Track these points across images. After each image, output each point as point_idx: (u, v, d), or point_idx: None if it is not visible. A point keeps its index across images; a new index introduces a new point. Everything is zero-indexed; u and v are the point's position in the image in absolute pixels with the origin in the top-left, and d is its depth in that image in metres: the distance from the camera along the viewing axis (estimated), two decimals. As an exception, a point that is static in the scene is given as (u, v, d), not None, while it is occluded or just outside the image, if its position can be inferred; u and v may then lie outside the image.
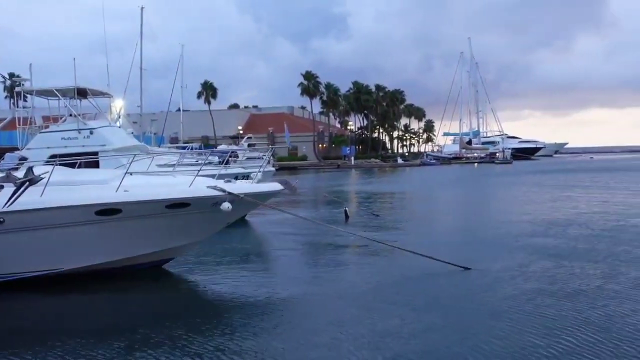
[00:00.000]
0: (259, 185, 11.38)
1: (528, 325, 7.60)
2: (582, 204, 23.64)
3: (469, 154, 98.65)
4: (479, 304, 8.74)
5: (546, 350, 6.66)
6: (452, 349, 6.82)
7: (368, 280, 10.45)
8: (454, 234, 17.13)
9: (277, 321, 8.18)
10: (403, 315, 8.21)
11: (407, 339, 7.21)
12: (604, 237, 14.94)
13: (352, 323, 7.88)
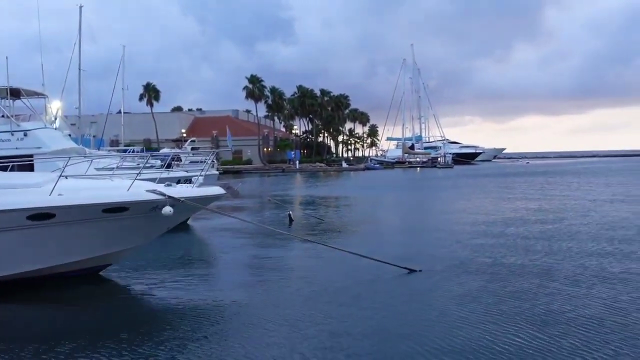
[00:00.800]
0: (200, 189, 11.18)
1: (476, 322, 7.79)
2: (519, 205, 24.43)
3: (411, 158, 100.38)
4: (427, 304, 8.87)
5: (495, 347, 6.83)
6: (402, 348, 6.89)
7: (315, 284, 10.42)
8: (400, 236, 17.38)
9: (223, 326, 8.04)
10: (352, 317, 8.22)
11: (359, 340, 7.22)
12: (540, 236, 15.52)
13: (300, 325, 7.83)
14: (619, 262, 11.81)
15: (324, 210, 25.28)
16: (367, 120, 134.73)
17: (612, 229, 16.54)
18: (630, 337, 7.08)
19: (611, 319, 7.90)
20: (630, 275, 10.56)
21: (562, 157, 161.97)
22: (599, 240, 14.67)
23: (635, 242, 14.17)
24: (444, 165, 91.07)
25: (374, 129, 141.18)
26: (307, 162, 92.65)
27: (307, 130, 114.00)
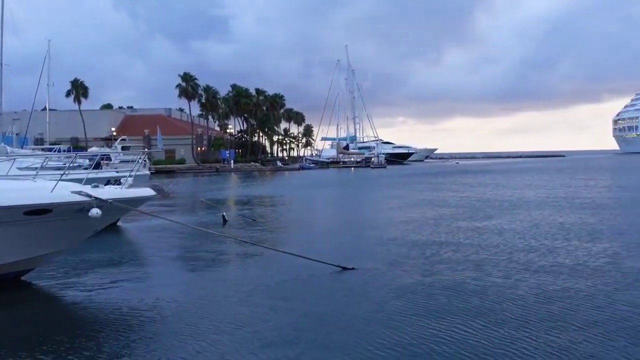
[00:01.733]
0: (129, 190, 10.88)
1: (410, 316, 7.99)
2: (450, 202, 25.14)
3: (346, 158, 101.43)
4: (362, 301, 8.99)
5: (432, 339, 7.01)
6: (336, 346, 6.94)
7: (248, 284, 10.34)
8: (334, 235, 17.50)
9: (155, 329, 7.87)
10: (286, 316, 8.23)
11: (293, 339, 7.21)
12: (471, 231, 16.05)
13: (234, 325, 7.76)
14: (544, 256, 12.39)
15: (259, 210, 25.18)
16: (303, 120, 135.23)
17: (536, 226, 17.31)
18: (556, 324, 7.47)
19: (540, 306, 8.35)
20: (556, 267, 11.11)
21: (489, 157, 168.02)
22: (525, 236, 15.34)
23: (558, 237, 14.91)
24: (378, 165, 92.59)
25: (309, 128, 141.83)
26: (241, 162, 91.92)
27: (242, 130, 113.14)
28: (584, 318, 7.89)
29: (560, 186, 35.97)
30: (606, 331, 7.33)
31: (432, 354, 6.66)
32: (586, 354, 6.57)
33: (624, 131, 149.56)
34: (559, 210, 21.95)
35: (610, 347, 6.79)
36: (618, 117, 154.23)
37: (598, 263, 11.66)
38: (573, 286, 9.71)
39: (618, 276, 10.44)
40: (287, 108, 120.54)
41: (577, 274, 10.70)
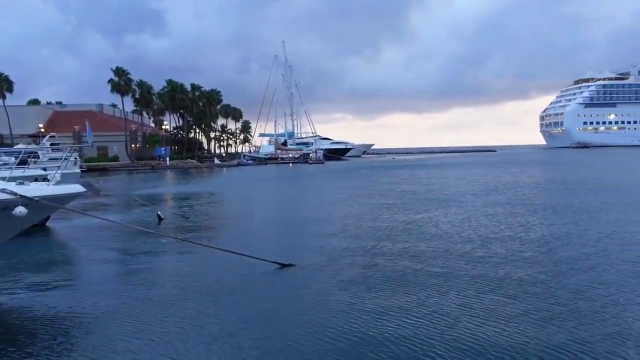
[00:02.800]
0: (57, 187, 10.42)
1: (355, 314, 7.97)
2: (388, 196, 25.51)
3: (284, 154, 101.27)
4: (300, 297, 8.97)
5: (371, 331, 7.04)
6: (275, 344, 6.90)
7: (185, 283, 10.12)
8: (273, 231, 17.40)
9: (94, 331, 7.57)
10: (224, 314, 8.10)
11: (232, 337, 7.11)
12: (408, 224, 16.28)
13: (171, 326, 7.56)
14: (480, 247, 12.73)
15: (196, 208, 24.74)
16: (240, 116, 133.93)
17: (470, 218, 17.82)
18: (496, 311, 7.70)
19: (479, 295, 8.60)
20: (492, 256, 11.47)
21: (424, 152, 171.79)
22: (460, 227, 15.76)
23: (492, 227, 15.41)
24: (316, 161, 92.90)
25: (247, 125, 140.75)
26: (178, 159, 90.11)
27: (177, 126, 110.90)
28: (523, 306, 8.19)
29: (492, 179, 37.20)
30: (543, 317, 7.63)
31: (373, 347, 6.73)
32: (524, 340, 6.81)
33: (550, 127, 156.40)
34: (492, 201, 22.68)
35: (547, 332, 7.06)
36: (545, 114, 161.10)
37: (531, 253, 12.12)
38: (509, 275, 10.05)
39: (550, 264, 10.91)
40: (224, 104, 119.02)
41: (512, 263, 11.08)
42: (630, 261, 11.06)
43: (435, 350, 6.59)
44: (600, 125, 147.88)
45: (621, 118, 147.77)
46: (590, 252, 12.08)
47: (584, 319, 7.63)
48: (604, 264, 10.91)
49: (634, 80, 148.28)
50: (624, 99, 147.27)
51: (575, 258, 11.48)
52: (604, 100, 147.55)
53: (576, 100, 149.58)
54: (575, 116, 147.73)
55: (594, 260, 11.20)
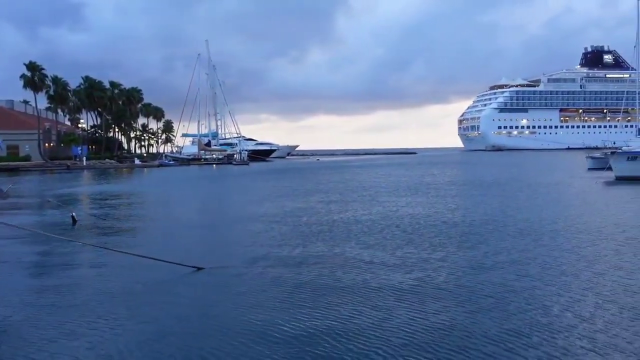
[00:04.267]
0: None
1: (266, 318, 8.01)
2: (309, 198, 25.78)
3: (207, 155, 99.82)
4: (212, 301, 8.97)
5: (284, 332, 7.13)
6: (186, 351, 6.88)
7: (96, 290, 9.88)
8: (189, 234, 17.20)
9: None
10: (133, 321, 7.98)
11: (143, 344, 7.04)
12: (328, 224, 16.55)
13: (79, 334, 7.41)
14: (403, 245, 13.14)
15: (112, 210, 24.06)
16: (162, 115, 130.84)
17: (389, 218, 18.35)
18: (423, 308, 8.04)
19: (404, 292, 8.92)
20: (415, 254, 11.92)
21: (349, 154, 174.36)
22: (381, 225, 16.21)
23: (415, 225, 15.97)
24: (240, 162, 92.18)
25: (169, 124, 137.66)
26: (95, 159, 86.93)
27: (95, 125, 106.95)
28: (448, 300, 8.62)
29: (411, 178, 38.36)
30: (470, 310, 8.06)
31: (287, 348, 6.88)
32: (444, 327, 7.18)
33: (467, 130, 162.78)
34: (414, 200, 23.44)
35: (478, 325, 7.47)
36: (462, 117, 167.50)
37: (448, 252, 12.70)
38: (427, 278, 10.50)
39: (462, 262, 11.48)
40: (145, 103, 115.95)
41: (435, 265, 11.57)
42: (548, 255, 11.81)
43: (353, 350, 6.80)
44: (513, 129, 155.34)
45: (532, 123, 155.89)
46: (508, 246, 12.80)
47: (510, 310, 8.13)
48: (522, 259, 11.59)
49: (544, 87, 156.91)
50: (534, 105, 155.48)
51: (494, 251, 12.13)
52: (516, 105, 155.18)
53: (491, 105, 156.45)
54: (491, 120, 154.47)
55: (511, 254, 11.88)
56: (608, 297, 8.86)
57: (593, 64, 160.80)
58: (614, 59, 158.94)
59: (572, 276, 10.27)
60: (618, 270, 10.71)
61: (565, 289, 9.37)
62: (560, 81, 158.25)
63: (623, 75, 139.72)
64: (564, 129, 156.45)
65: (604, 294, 9.00)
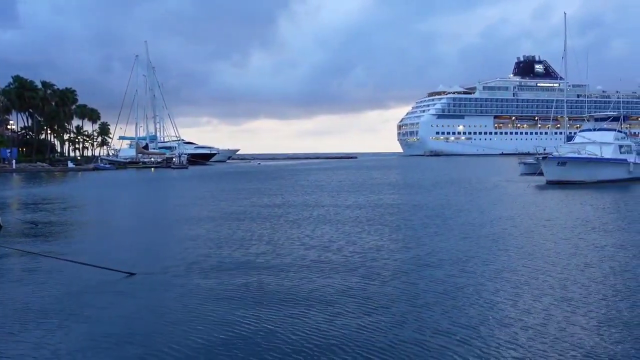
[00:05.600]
0: None
1: (196, 322, 7.81)
2: (249, 201, 25.46)
3: (145, 158, 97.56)
4: (144, 306, 8.67)
5: (217, 333, 6.96)
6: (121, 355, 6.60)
7: (23, 298, 9.35)
8: (123, 239, 16.66)
9: None
10: (63, 329, 7.59)
11: (73, 354, 6.69)
12: (266, 229, 16.34)
13: (8, 344, 6.97)
14: (337, 250, 13.14)
15: (43, 214, 22.98)
16: (98, 117, 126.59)
17: (332, 221, 18.34)
18: (353, 314, 7.97)
19: (333, 295, 8.83)
20: (352, 259, 11.88)
21: (290, 158, 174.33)
22: (319, 230, 16.16)
23: (353, 229, 15.99)
24: (179, 165, 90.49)
25: (106, 127, 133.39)
26: (26, 162, 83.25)
27: (26, 127, 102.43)
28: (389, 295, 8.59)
29: (353, 181, 38.66)
30: (413, 306, 8.04)
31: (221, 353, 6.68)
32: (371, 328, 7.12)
33: (406, 135, 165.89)
34: (356, 202, 23.54)
35: (425, 319, 7.45)
36: (402, 123, 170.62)
37: (392, 251, 12.75)
38: (374, 276, 10.47)
39: (407, 261, 11.55)
40: (80, 104, 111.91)
41: (370, 268, 11.57)
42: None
43: (289, 353, 6.67)
44: (450, 135, 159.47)
45: (468, 129, 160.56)
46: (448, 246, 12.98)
47: (457, 305, 8.30)
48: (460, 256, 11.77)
49: (479, 95, 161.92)
50: (470, 112, 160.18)
51: (438, 249, 12.27)
52: (453, 112, 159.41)
53: (429, 111, 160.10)
54: (429, 126, 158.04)
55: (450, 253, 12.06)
56: (545, 290, 9.21)
57: (525, 73, 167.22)
58: (544, 68, 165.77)
59: (511, 272, 10.64)
60: (553, 266, 11.20)
61: (506, 284, 9.68)
62: (495, 89, 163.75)
63: (553, 85, 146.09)
64: (498, 135, 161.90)
65: (542, 288, 9.35)
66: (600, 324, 7.52)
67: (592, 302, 8.61)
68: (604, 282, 9.90)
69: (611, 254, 12.45)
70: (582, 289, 9.38)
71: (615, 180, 36.14)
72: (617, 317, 7.80)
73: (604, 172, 36.46)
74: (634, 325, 7.46)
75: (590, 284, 9.74)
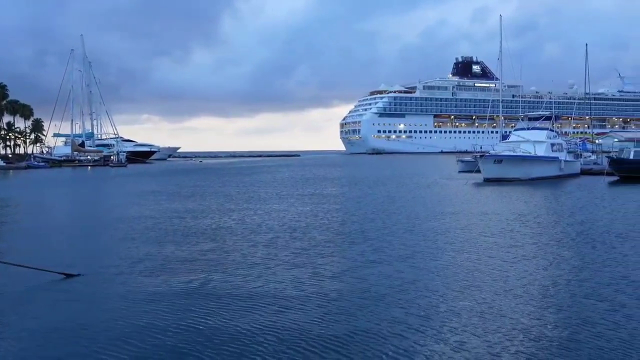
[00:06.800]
0: None
1: (136, 314, 7.70)
2: (190, 200, 25.08)
3: (82, 156, 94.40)
4: (85, 308, 8.44)
5: (166, 334, 6.88)
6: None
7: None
8: (64, 239, 16.12)
9: None
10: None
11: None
12: (206, 229, 16.16)
13: None
14: (283, 247, 13.15)
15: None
16: (31, 113, 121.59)
17: (277, 218, 18.31)
18: (288, 314, 8.00)
19: (279, 293, 8.81)
20: (295, 255, 11.90)
21: (232, 156, 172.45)
22: (261, 228, 16.10)
23: (294, 226, 16.00)
24: (117, 164, 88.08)
25: (39, 123, 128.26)
26: (-49, 160, 79.10)
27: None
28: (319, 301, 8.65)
29: (296, 179, 38.73)
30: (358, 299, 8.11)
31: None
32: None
33: (349, 134, 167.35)
34: (300, 201, 23.59)
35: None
36: (344, 121, 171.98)
37: (338, 248, 12.86)
38: (323, 271, 10.52)
39: (354, 257, 11.66)
40: (11, 99, 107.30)
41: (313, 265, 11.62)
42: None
43: (241, 352, 6.63)
44: (392, 133, 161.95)
45: (409, 128, 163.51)
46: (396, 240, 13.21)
47: (403, 298, 8.40)
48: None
49: (420, 94, 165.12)
50: (411, 111, 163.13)
51: (383, 246, 12.45)
52: (395, 111, 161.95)
53: (371, 110, 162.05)
54: (371, 125, 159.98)
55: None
56: (486, 281, 9.60)
57: (463, 73, 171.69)
58: (481, 69, 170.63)
59: (455, 265, 11.04)
60: (493, 258, 11.65)
61: (452, 275, 10.05)
62: (434, 89, 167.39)
63: (489, 85, 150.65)
64: (438, 134, 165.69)
65: (484, 279, 9.74)
66: (539, 310, 7.93)
67: (532, 290, 9.02)
68: (540, 271, 10.39)
69: (545, 246, 13.05)
70: (521, 279, 9.82)
71: (548, 177, 37.69)
72: (555, 304, 8.22)
73: (538, 169, 37.96)
74: (571, 310, 7.89)
75: (528, 274, 10.19)
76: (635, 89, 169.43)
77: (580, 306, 8.12)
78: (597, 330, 7.04)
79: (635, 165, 37.22)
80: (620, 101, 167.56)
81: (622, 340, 6.71)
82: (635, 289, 9.03)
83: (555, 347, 6.51)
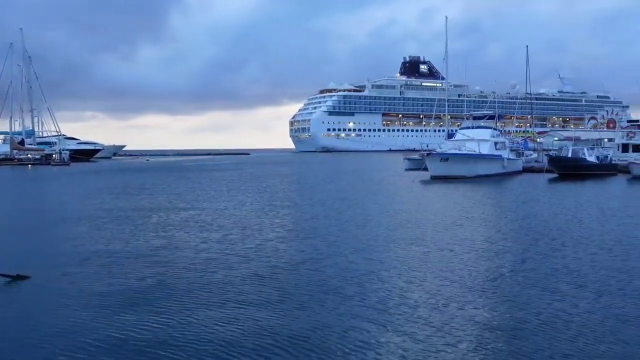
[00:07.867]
0: None
1: (92, 332, 7.59)
2: (138, 200, 24.64)
3: (21, 155, 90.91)
4: (38, 312, 8.26)
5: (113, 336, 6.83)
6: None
7: None
8: (7, 239, 15.57)
9: None
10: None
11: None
12: (160, 225, 15.95)
13: None
14: (234, 244, 13.16)
15: None
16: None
17: (228, 216, 18.23)
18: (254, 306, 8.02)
19: (230, 290, 8.84)
20: (247, 251, 11.91)
21: (181, 155, 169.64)
22: (214, 223, 16.04)
23: (243, 220, 16.01)
24: (60, 162, 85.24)
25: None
26: None
27: None
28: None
29: (246, 177, 38.58)
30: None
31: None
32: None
33: (298, 132, 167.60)
34: (251, 198, 23.54)
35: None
36: (294, 119, 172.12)
37: (290, 243, 12.94)
38: (281, 265, 10.58)
39: (309, 251, 11.77)
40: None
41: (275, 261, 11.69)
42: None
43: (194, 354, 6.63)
44: (341, 132, 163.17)
45: (358, 126, 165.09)
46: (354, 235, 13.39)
47: (360, 291, 8.51)
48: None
49: (369, 93, 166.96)
50: (360, 109, 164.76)
51: (336, 241, 12.62)
52: (344, 109, 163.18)
53: (321, 108, 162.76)
54: (320, 123, 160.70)
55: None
56: (437, 273, 9.98)
57: (411, 72, 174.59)
58: (428, 69, 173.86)
59: (408, 258, 11.40)
60: (441, 250, 12.17)
61: (404, 269, 10.39)
62: (383, 87, 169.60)
63: (436, 84, 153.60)
64: (386, 132, 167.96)
65: (434, 271, 10.11)
66: (487, 300, 8.31)
67: (480, 281, 9.41)
68: (487, 263, 10.85)
69: (491, 239, 13.58)
70: (469, 270, 10.22)
71: (492, 175, 38.86)
72: (502, 293, 8.62)
73: (482, 167, 39.08)
74: (518, 300, 8.29)
75: (476, 265, 10.61)
76: (574, 89, 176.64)
77: (526, 296, 8.52)
78: (542, 318, 7.42)
79: (573, 163, 38.97)
80: (560, 101, 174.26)
81: (567, 326, 7.10)
82: (575, 278, 9.54)
83: (504, 335, 6.82)
